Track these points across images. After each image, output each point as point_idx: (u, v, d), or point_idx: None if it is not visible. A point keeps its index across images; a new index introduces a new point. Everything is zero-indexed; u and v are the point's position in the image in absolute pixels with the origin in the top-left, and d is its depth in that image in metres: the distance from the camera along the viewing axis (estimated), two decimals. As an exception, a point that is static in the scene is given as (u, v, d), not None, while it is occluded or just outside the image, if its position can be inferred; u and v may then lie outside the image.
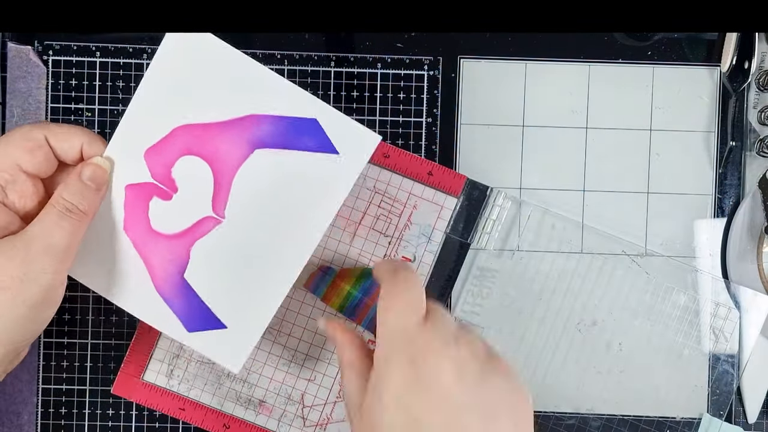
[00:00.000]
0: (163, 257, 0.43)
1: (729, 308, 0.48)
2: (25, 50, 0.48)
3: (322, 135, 0.42)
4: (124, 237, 0.43)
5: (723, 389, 0.48)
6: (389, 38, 0.49)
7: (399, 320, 0.37)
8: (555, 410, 0.48)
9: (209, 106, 0.42)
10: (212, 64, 0.42)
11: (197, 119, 0.42)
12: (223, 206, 0.43)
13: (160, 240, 0.43)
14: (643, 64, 0.49)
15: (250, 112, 0.42)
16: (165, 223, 0.43)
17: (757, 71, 0.48)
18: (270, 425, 0.47)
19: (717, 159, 0.49)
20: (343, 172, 0.42)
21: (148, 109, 0.42)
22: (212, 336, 0.43)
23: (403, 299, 0.37)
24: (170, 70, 0.42)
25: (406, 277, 0.38)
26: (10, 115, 0.48)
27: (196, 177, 0.43)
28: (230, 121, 0.42)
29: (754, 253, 0.48)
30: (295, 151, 0.42)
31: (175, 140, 0.42)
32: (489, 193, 0.47)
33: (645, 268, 0.48)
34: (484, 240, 0.48)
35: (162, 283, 0.43)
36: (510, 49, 0.49)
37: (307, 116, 0.42)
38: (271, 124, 0.42)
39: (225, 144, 0.42)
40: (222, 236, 0.43)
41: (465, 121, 0.49)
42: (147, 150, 0.42)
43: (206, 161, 0.43)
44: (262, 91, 0.42)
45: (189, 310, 0.43)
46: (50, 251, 0.39)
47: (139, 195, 0.43)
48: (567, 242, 0.48)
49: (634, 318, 0.48)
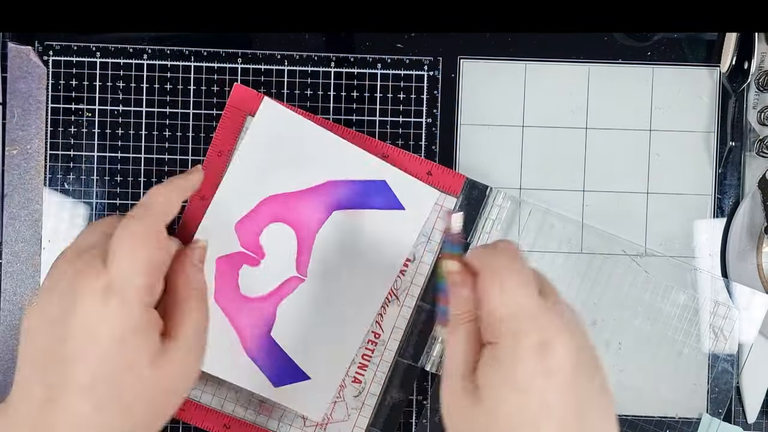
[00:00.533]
0: (252, 319, 0.46)
1: (728, 307, 0.48)
2: (26, 50, 0.48)
3: (391, 194, 0.47)
4: (215, 307, 0.46)
5: (722, 388, 0.48)
6: (389, 38, 0.49)
7: (518, 298, 0.35)
8: (554, 409, 0.48)
9: (292, 176, 0.46)
10: (294, 137, 0.46)
11: (282, 189, 0.46)
12: (305, 266, 0.47)
13: (248, 303, 0.46)
14: (643, 64, 0.49)
15: (328, 179, 0.46)
16: (253, 287, 0.46)
17: (756, 71, 0.48)
18: (270, 425, 0.48)
19: (717, 159, 0.49)
20: (408, 225, 0.47)
21: (238, 184, 0.46)
22: (297, 388, 0.47)
23: (518, 274, 0.36)
24: (258, 145, 0.46)
25: (509, 250, 0.37)
26: (11, 116, 0.48)
27: (282, 241, 0.46)
28: (311, 188, 0.46)
29: (754, 253, 0.48)
30: (368, 210, 0.47)
31: (263, 210, 0.46)
32: (488, 193, 0.47)
33: (644, 267, 0.48)
34: (484, 239, 0.48)
35: (250, 344, 0.46)
36: (510, 49, 0.49)
37: (377, 178, 0.46)
38: (347, 188, 0.47)
39: (307, 209, 0.46)
40: (304, 293, 0.47)
41: (465, 121, 0.49)
42: (237, 222, 0.46)
43: (291, 226, 0.46)
44: (338, 159, 0.46)
45: (276, 366, 0.46)
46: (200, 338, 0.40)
47: (229, 265, 0.46)
48: (566, 242, 0.48)
49: (634, 317, 0.48)
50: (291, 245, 0.46)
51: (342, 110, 0.49)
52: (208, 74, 0.48)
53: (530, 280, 0.36)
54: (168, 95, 0.48)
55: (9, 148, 0.48)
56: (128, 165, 0.48)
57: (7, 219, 0.48)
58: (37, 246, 0.48)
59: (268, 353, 0.46)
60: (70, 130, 0.48)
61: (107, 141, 0.48)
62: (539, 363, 0.34)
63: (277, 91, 0.48)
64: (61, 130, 0.48)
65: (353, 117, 0.49)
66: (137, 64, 0.48)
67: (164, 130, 0.48)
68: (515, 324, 0.35)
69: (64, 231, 0.48)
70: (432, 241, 0.48)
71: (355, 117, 0.49)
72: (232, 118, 0.47)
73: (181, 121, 0.48)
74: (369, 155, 0.46)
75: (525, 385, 0.34)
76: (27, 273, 0.48)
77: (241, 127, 0.47)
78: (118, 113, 0.48)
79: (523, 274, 0.36)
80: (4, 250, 0.48)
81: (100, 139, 0.48)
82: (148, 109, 0.48)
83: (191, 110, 0.48)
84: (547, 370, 0.34)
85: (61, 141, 0.48)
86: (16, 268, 0.48)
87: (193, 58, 0.48)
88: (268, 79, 0.48)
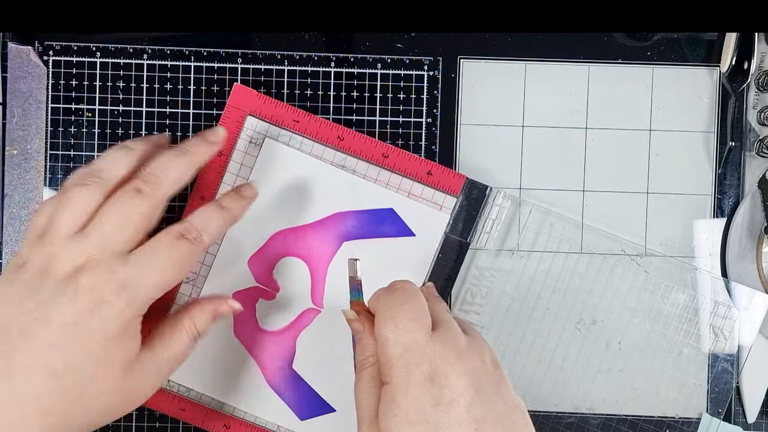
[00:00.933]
0: (272, 352, 0.47)
1: (728, 306, 0.48)
2: (26, 50, 0.48)
3: (400, 221, 0.47)
4: (234, 341, 0.47)
5: (722, 387, 0.48)
6: (389, 38, 0.49)
7: (408, 335, 0.36)
8: (554, 409, 0.48)
9: (299, 210, 0.47)
10: (297, 173, 0.47)
11: (290, 224, 0.47)
12: (321, 297, 0.47)
13: (267, 337, 0.47)
14: (643, 64, 0.49)
15: (335, 211, 0.47)
16: (271, 320, 0.47)
17: (756, 71, 0.48)
18: (270, 425, 0.48)
19: (716, 159, 0.49)
20: (421, 250, 0.47)
21: (246, 221, 0.45)
22: (324, 421, 0.47)
23: (407, 312, 0.37)
24: (263, 183, 0.46)
25: (404, 289, 0.38)
26: (11, 116, 0.48)
27: (295, 274, 0.47)
28: (319, 221, 0.47)
29: (754, 253, 0.48)
30: (378, 239, 0.47)
31: (274, 245, 0.47)
32: (488, 193, 0.47)
33: (644, 267, 0.48)
34: (484, 239, 0.48)
35: (273, 377, 0.47)
36: (510, 49, 0.49)
37: (385, 207, 0.47)
38: (354, 218, 0.47)
39: (317, 242, 0.47)
40: (322, 324, 0.47)
41: (465, 121, 0.49)
42: (249, 258, 0.47)
43: (302, 259, 0.47)
44: (343, 190, 0.47)
45: (300, 399, 0.47)
46: None
47: (245, 300, 0.47)
48: (566, 241, 0.48)
49: (634, 317, 0.48)
50: (304, 278, 0.47)
51: (342, 110, 0.49)
52: (208, 74, 0.48)
53: (422, 314, 0.37)
54: (168, 95, 0.48)
55: (9, 148, 0.48)
56: (128, 165, 0.48)
57: (7, 219, 0.48)
58: (37, 246, 0.48)
59: (292, 386, 0.47)
60: (70, 130, 0.48)
61: (107, 141, 0.48)
62: (432, 395, 0.35)
63: (277, 91, 0.48)
64: (61, 130, 0.48)
65: (353, 117, 0.49)
66: (137, 64, 0.48)
67: (164, 130, 0.48)
68: (406, 359, 0.36)
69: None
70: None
71: (355, 117, 0.49)
72: (232, 118, 0.47)
73: (181, 121, 0.48)
74: (374, 185, 0.47)
75: (421, 418, 0.35)
76: (27, 273, 0.48)
77: (241, 127, 0.47)
78: (118, 113, 0.48)
79: (414, 310, 0.37)
80: (4, 250, 0.48)
81: (100, 139, 0.48)
82: (148, 109, 0.48)
83: (191, 110, 0.48)
84: (440, 400, 0.35)
85: (61, 141, 0.48)
86: (16, 268, 0.48)
87: (193, 58, 0.48)
88: (268, 79, 0.48)
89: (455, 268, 0.48)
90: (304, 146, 0.47)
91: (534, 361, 0.48)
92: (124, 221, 0.39)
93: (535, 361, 0.48)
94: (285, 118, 0.47)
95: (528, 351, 0.48)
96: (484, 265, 0.48)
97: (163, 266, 0.38)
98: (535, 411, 0.48)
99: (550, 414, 0.48)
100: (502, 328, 0.48)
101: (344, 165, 0.47)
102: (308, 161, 0.47)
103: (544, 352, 0.48)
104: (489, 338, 0.48)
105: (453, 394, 0.35)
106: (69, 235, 0.38)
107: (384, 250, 0.47)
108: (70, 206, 0.39)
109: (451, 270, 0.48)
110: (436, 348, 0.36)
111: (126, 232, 0.39)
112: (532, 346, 0.48)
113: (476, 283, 0.48)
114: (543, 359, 0.48)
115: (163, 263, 0.38)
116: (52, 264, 0.37)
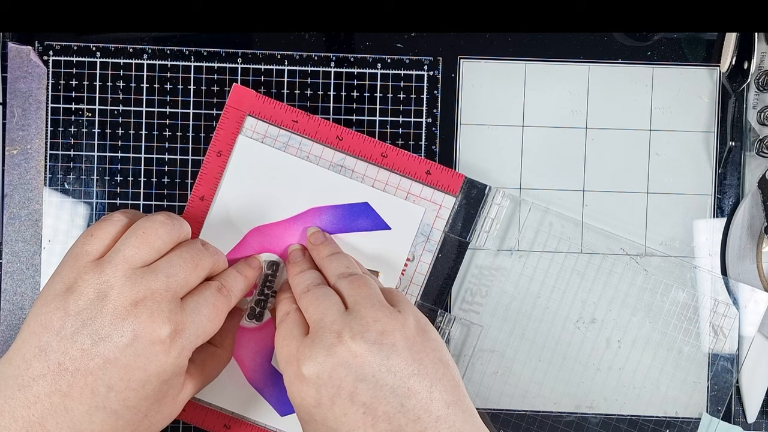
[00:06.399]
0: (251, 349, 0.47)
1: (728, 305, 0.48)
2: (26, 50, 0.48)
3: (375, 215, 0.47)
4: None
5: (722, 386, 0.48)
6: (389, 38, 0.49)
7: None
8: (554, 408, 0.48)
9: (275, 207, 0.47)
10: (272, 170, 0.47)
11: (266, 220, 0.47)
12: None
13: (246, 333, 0.47)
14: (643, 64, 0.49)
15: (310, 206, 0.47)
16: (249, 317, 0.47)
17: (756, 71, 0.48)
18: (270, 425, 0.48)
19: (716, 159, 0.49)
20: (397, 244, 0.47)
21: (222, 219, 0.47)
22: None
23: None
24: (238, 181, 0.47)
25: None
26: (11, 116, 0.48)
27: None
28: (294, 217, 0.47)
29: (754, 252, 0.48)
30: (354, 233, 0.47)
31: (249, 242, 0.47)
32: (488, 192, 0.48)
33: (644, 266, 0.48)
34: (483, 239, 0.48)
35: (252, 373, 0.47)
36: (510, 49, 0.49)
37: (359, 201, 0.47)
38: (330, 213, 0.47)
39: (293, 238, 0.47)
40: None
41: (465, 121, 0.49)
42: (226, 255, 0.46)
43: (279, 255, 0.47)
44: (317, 185, 0.47)
45: (280, 394, 0.47)
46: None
47: None
48: (566, 241, 0.48)
49: (634, 315, 0.48)
50: (281, 274, 0.47)
51: (342, 110, 0.49)
52: (208, 74, 0.48)
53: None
54: (168, 95, 0.48)
55: (9, 148, 0.48)
56: (128, 165, 0.48)
57: (7, 219, 0.48)
58: (37, 246, 0.48)
59: (271, 382, 0.47)
60: (70, 130, 0.48)
61: (107, 141, 0.48)
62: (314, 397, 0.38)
63: (277, 91, 0.48)
64: (61, 130, 0.48)
65: (353, 117, 0.49)
66: (137, 64, 0.48)
67: (164, 130, 0.48)
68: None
69: (64, 231, 0.48)
70: (431, 241, 0.48)
71: (355, 117, 0.49)
72: (232, 118, 0.47)
73: (181, 121, 0.48)
74: (348, 179, 0.47)
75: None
76: (27, 273, 0.48)
77: (241, 127, 0.47)
78: (118, 113, 0.48)
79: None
80: (4, 250, 0.48)
81: (100, 139, 0.48)
82: (148, 109, 0.48)
83: (191, 110, 0.48)
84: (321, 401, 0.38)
85: (61, 141, 0.48)
86: (16, 268, 0.48)
87: (193, 58, 0.48)
88: (268, 79, 0.48)
89: (454, 267, 0.48)
90: (303, 146, 0.47)
91: (534, 359, 0.48)
92: (195, 267, 0.40)
93: (534, 360, 0.48)
94: (284, 119, 0.47)
95: (528, 350, 0.48)
96: (483, 264, 0.48)
97: (211, 315, 0.40)
98: (536, 410, 0.48)
99: (550, 413, 0.48)
100: (502, 327, 0.48)
101: (343, 165, 0.47)
102: (282, 157, 0.47)
103: (543, 351, 0.48)
104: (488, 337, 0.48)
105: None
106: (132, 267, 0.38)
107: (360, 244, 0.47)
108: (139, 238, 0.39)
109: (451, 269, 0.48)
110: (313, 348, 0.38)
111: (192, 278, 0.40)
112: (532, 345, 0.48)
113: (476, 282, 0.48)
114: (543, 358, 0.48)
115: (211, 313, 0.40)
116: (110, 294, 0.37)
